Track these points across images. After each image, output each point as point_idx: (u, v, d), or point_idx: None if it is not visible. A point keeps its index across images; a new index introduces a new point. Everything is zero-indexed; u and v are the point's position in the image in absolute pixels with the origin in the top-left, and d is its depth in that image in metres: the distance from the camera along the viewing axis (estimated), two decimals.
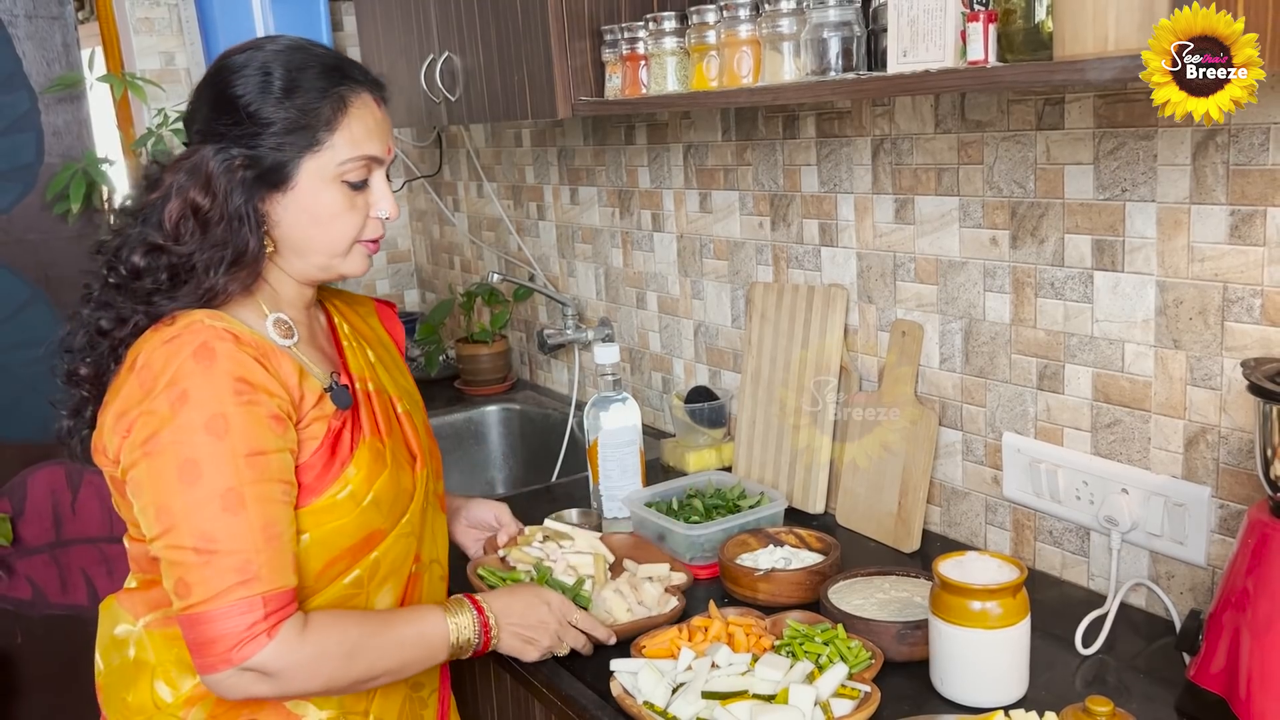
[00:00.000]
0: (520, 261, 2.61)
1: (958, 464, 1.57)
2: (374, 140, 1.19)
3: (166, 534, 1.07)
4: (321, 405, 1.17)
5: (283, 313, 1.21)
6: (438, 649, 1.21)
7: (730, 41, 1.45)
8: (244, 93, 1.15)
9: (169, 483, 1.07)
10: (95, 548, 2.59)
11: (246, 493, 1.07)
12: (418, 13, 2.09)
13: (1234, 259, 1.19)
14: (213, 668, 1.07)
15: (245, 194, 1.14)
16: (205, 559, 1.06)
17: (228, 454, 1.07)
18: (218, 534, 1.06)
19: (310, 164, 1.16)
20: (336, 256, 1.21)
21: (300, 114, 1.14)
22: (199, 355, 1.08)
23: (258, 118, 1.14)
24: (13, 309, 2.45)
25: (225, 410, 1.07)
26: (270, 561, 1.07)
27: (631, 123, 2.13)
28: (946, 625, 1.16)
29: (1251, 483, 1.21)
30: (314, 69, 1.16)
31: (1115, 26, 0.93)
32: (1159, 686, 1.19)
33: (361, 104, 1.18)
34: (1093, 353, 1.35)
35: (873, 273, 1.65)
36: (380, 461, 1.21)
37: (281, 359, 1.15)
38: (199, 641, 1.07)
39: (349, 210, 1.19)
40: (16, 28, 2.37)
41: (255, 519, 1.07)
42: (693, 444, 1.95)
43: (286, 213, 1.17)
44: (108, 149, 2.55)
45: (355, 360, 1.29)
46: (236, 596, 1.06)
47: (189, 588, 1.07)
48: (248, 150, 1.14)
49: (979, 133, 1.44)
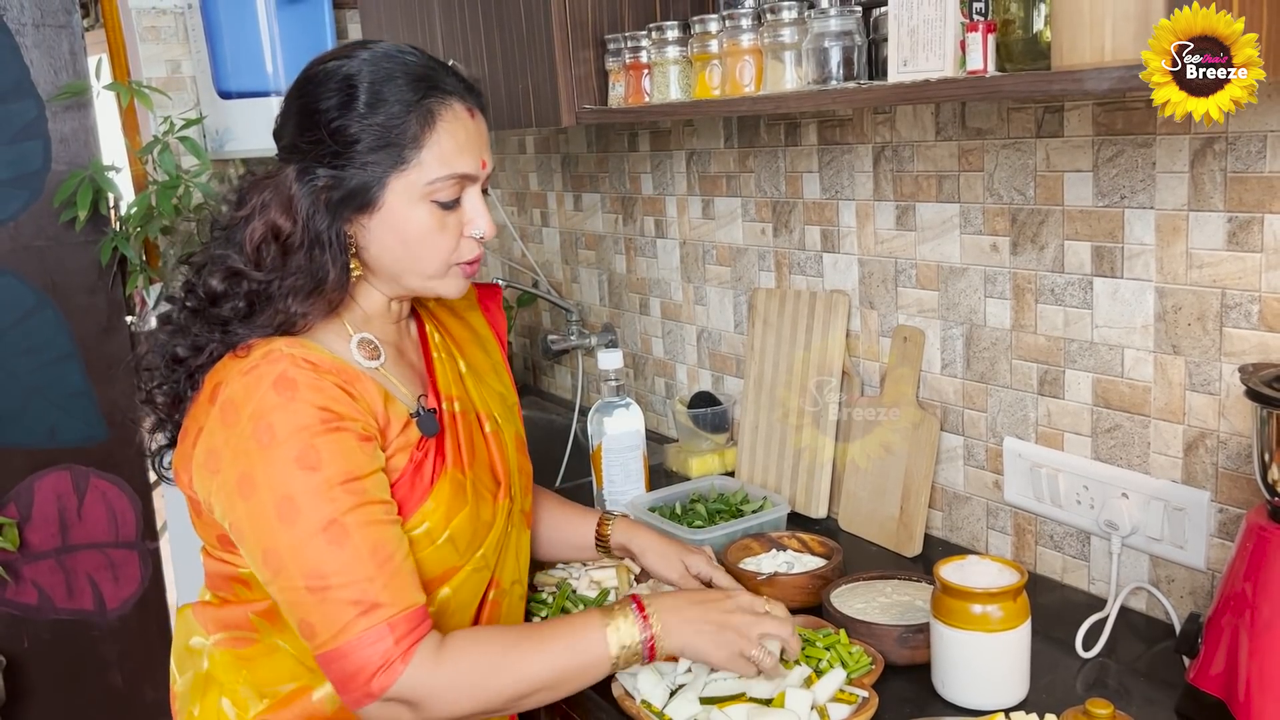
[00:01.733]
0: (524, 268, 2.63)
1: (959, 468, 1.58)
2: (465, 156, 1.11)
3: (278, 577, 1.03)
4: (406, 433, 1.12)
5: (369, 332, 1.16)
6: (596, 657, 1.09)
7: (732, 51, 1.46)
8: (327, 107, 1.08)
9: (269, 524, 1.02)
10: (101, 553, 2.61)
11: (348, 521, 1.02)
12: (422, 22, 2.10)
13: (1232, 265, 1.20)
14: (359, 703, 1.03)
15: (329, 217, 1.09)
16: (320, 596, 1.02)
17: (322, 485, 1.02)
18: (327, 569, 1.01)
19: (397, 183, 1.09)
20: (431, 279, 1.14)
21: (385, 130, 1.07)
22: (279, 387, 1.04)
23: (341, 135, 1.07)
24: (19, 315, 2.47)
25: (314, 441, 1.03)
26: (388, 585, 1.03)
27: (635, 130, 2.14)
28: (947, 629, 1.17)
29: (1250, 487, 1.22)
30: (400, 79, 1.09)
31: (1112, 37, 0.94)
32: (1159, 689, 1.20)
33: (451, 116, 1.11)
34: (1093, 358, 1.36)
35: (874, 279, 1.66)
36: (461, 497, 1.15)
37: (366, 383, 1.10)
38: (339, 679, 1.03)
39: (440, 231, 1.11)
40: (24, 36, 2.39)
41: (362, 546, 1.02)
42: (696, 449, 1.96)
43: (374, 235, 1.11)
44: (114, 156, 2.57)
45: (444, 376, 1.23)
46: (361, 628, 1.01)
47: (312, 628, 1.03)
48: (331, 170, 1.08)
49: (979, 140, 1.45)
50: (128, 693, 2.67)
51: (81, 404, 2.54)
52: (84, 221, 2.40)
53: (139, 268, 2.48)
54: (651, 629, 1.10)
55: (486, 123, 1.17)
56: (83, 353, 2.52)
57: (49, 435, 2.52)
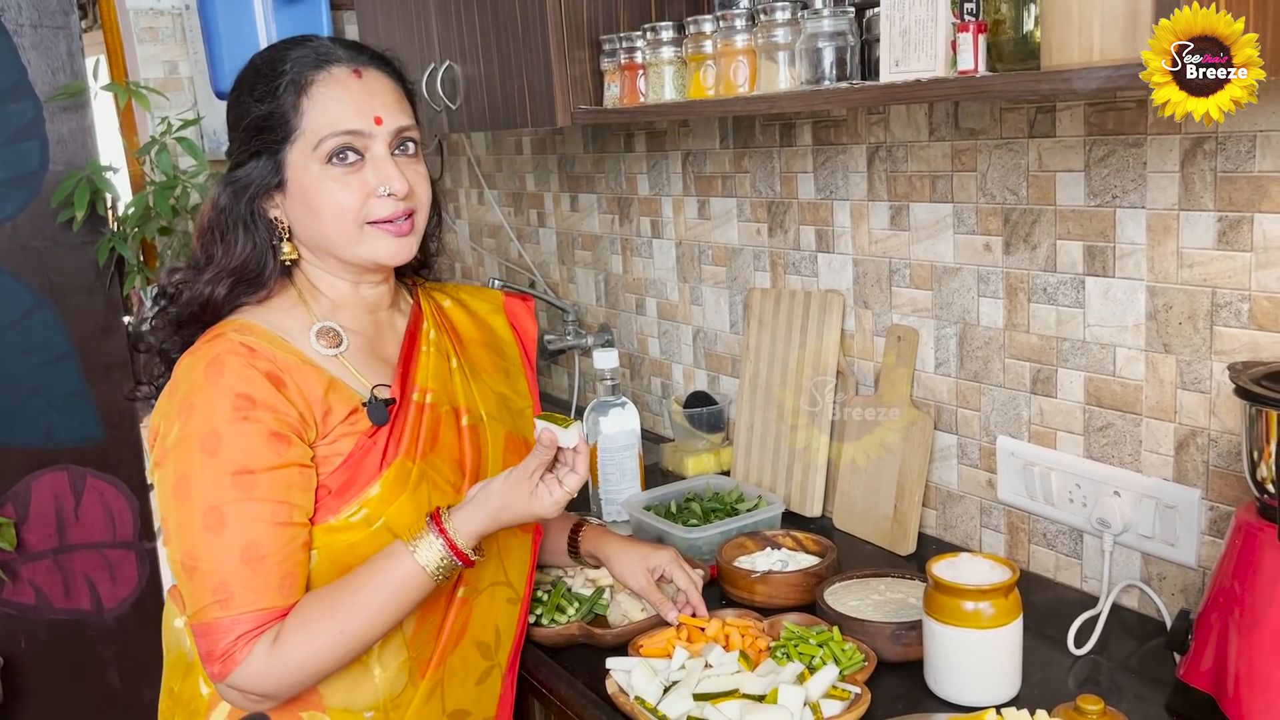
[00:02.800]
0: (521, 268, 2.63)
1: (953, 467, 1.58)
2: (349, 113, 1.14)
3: (166, 544, 1.11)
4: (353, 420, 1.15)
5: (335, 320, 1.20)
6: (413, 580, 1.11)
7: (727, 51, 1.47)
8: (232, 102, 1.19)
9: (168, 496, 1.10)
10: (98, 553, 2.61)
11: (228, 512, 1.07)
12: (419, 23, 2.11)
13: (1222, 264, 1.20)
14: (214, 680, 1.09)
15: (235, 198, 1.16)
16: (189, 574, 1.08)
17: (214, 472, 1.07)
18: (198, 552, 1.07)
19: (292, 154, 1.15)
20: (349, 244, 1.17)
21: (270, 107, 1.14)
22: (209, 369, 1.09)
23: (241, 122, 1.17)
24: (17, 316, 2.47)
25: (218, 427, 1.07)
26: (248, 583, 1.07)
27: (630, 131, 2.15)
28: (940, 625, 1.17)
29: (1240, 485, 1.22)
30: (282, 59, 1.16)
31: (1100, 37, 0.94)
32: (1150, 686, 1.21)
33: (330, 79, 1.15)
34: (1085, 357, 1.37)
35: (869, 278, 1.67)
36: (402, 483, 1.16)
37: (306, 372, 1.13)
38: (200, 654, 1.10)
39: (342, 190, 1.15)
40: (22, 36, 2.39)
41: (234, 540, 1.07)
42: (691, 448, 1.97)
43: (292, 211, 1.18)
44: (111, 157, 2.57)
45: (424, 369, 1.25)
46: (211, 616, 1.07)
47: (182, 601, 1.10)
48: (242, 155, 1.16)
49: (972, 140, 1.46)
50: (125, 693, 2.67)
51: (79, 404, 2.54)
52: (81, 222, 2.40)
53: (136, 268, 2.49)
54: (447, 534, 1.12)
55: (394, 80, 1.21)
56: (80, 353, 2.52)
57: (46, 435, 2.52)
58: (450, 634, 1.22)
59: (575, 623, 1.38)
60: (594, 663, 1.31)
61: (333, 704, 1.16)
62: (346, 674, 1.15)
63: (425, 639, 1.20)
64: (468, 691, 1.25)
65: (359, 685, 1.16)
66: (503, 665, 1.30)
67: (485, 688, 1.27)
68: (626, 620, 1.39)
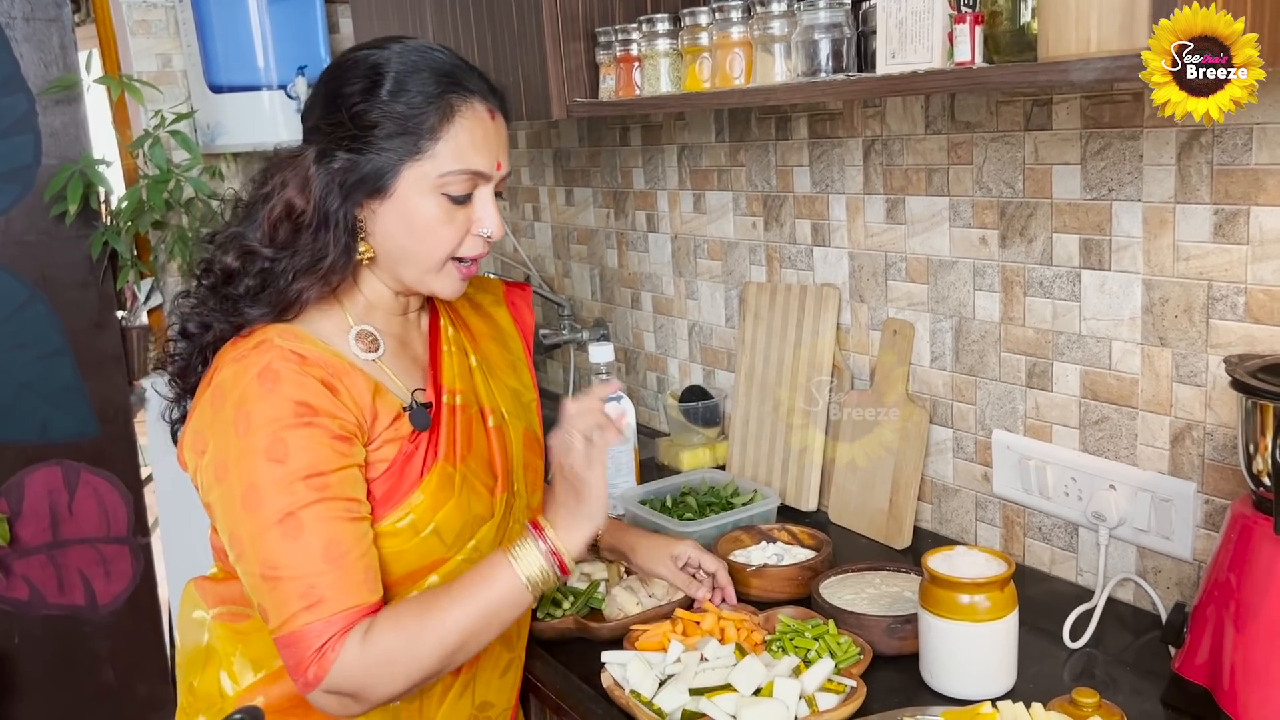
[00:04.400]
0: (516, 263, 2.63)
1: (948, 461, 1.58)
2: (481, 153, 1.14)
3: (240, 560, 1.06)
4: (396, 426, 1.14)
5: (371, 323, 1.18)
6: (511, 591, 1.09)
7: (722, 43, 1.46)
8: (351, 92, 1.11)
9: (235, 509, 1.06)
10: (92, 548, 2.60)
11: (304, 516, 1.04)
12: (413, 15, 2.10)
13: (1218, 257, 1.20)
14: (305, 690, 1.06)
15: (340, 198, 1.11)
16: (271, 585, 1.04)
17: (286, 478, 1.04)
18: (279, 560, 1.04)
19: (411, 172, 1.11)
20: (429, 272, 1.16)
21: (404, 119, 1.10)
22: (263, 378, 1.07)
23: (362, 120, 1.10)
24: (11, 310, 2.46)
25: (284, 435, 1.05)
26: (336, 583, 1.05)
27: (626, 124, 2.15)
28: (935, 619, 1.17)
29: (1235, 478, 1.22)
30: (425, 72, 1.12)
31: (1097, 28, 0.94)
32: (1145, 679, 1.21)
33: (471, 114, 1.13)
34: (1080, 350, 1.37)
35: (864, 272, 1.67)
36: (448, 489, 1.15)
37: (355, 377, 1.12)
38: (288, 666, 1.06)
39: (447, 224, 1.13)
40: (14, 30, 2.38)
41: (315, 542, 1.04)
42: (687, 442, 1.97)
43: (383, 221, 1.13)
44: (105, 150, 2.56)
45: (450, 370, 1.24)
46: (303, 621, 1.03)
47: (265, 613, 1.06)
48: (349, 154, 1.11)
49: (968, 133, 1.46)
50: (119, 688, 2.67)
51: (72, 399, 2.53)
52: (74, 216, 2.40)
53: (130, 262, 2.48)
54: (550, 543, 1.10)
55: (507, 127, 1.20)
56: (74, 348, 2.52)
57: (40, 430, 2.52)
58: None
59: (571, 616, 1.38)
60: (589, 656, 1.30)
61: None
62: None
63: None
64: (493, 683, 1.25)
65: None
66: (520, 656, 1.32)
67: (507, 679, 1.28)
68: (622, 614, 1.39)
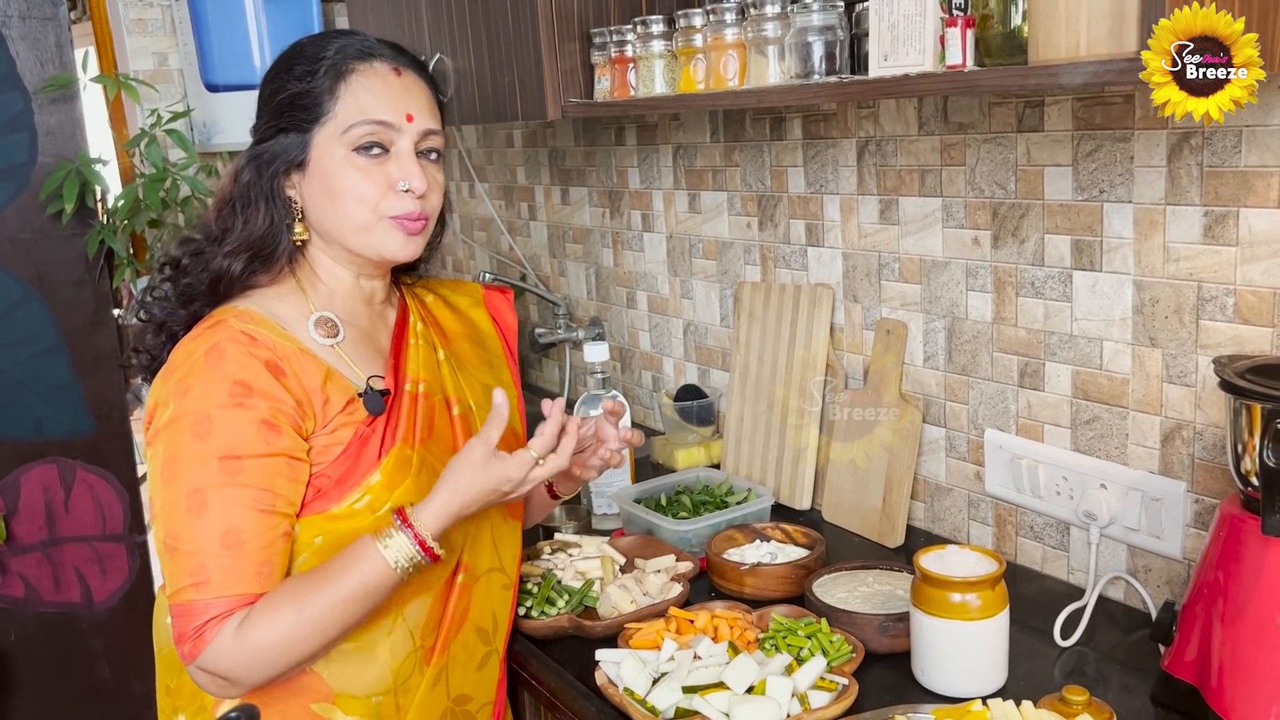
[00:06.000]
0: (512, 261, 2.63)
1: (941, 460, 1.59)
2: (384, 105, 1.17)
3: (153, 524, 1.11)
4: (351, 410, 1.17)
5: (332, 311, 1.21)
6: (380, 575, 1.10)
7: (716, 45, 1.47)
8: (268, 79, 1.21)
9: (155, 476, 1.11)
10: (88, 546, 2.61)
11: (211, 495, 1.08)
12: (409, 15, 2.11)
13: (1208, 258, 1.21)
14: (185, 662, 1.10)
15: (257, 172, 1.18)
16: (170, 554, 1.09)
17: (202, 455, 1.08)
18: (180, 533, 1.08)
19: (319, 136, 1.17)
20: (361, 231, 1.18)
21: (306, 90, 1.16)
22: (209, 355, 1.11)
23: (274, 100, 1.18)
24: (6, 308, 2.46)
25: (211, 411, 1.09)
26: (226, 568, 1.07)
27: (621, 124, 2.15)
28: (927, 617, 1.18)
29: (1225, 477, 1.23)
30: (328, 44, 1.19)
31: (1087, 32, 0.95)
32: (1135, 676, 1.22)
33: (370, 71, 1.18)
34: (1072, 351, 1.38)
35: (858, 272, 1.67)
36: (404, 470, 1.18)
37: (305, 361, 1.15)
38: (174, 634, 1.10)
39: (364, 180, 1.17)
40: (10, 28, 2.38)
41: (215, 524, 1.07)
42: (682, 441, 1.97)
43: (309, 191, 1.19)
44: (101, 149, 2.56)
45: (414, 360, 1.27)
46: (187, 598, 1.07)
47: (165, 580, 1.11)
48: (269, 131, 1.18)
49: (961, 135, 1.46)
50: (115, 685, 2.67)
51: (68, 397, 2.54)
52: (70, 214, 2.39)
53: (126, 260, 2.48)
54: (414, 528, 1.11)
55: (429, 87, 1.24)
56: (69, 346, 2.52)
57: (35, 428, 2.52)
58: (452, 620, 1.24)
59: (565, 615, 1.39)
60: (583, 654, 1.31)
61: (340, 692, 1.16)
62: (353, 662, 1.16)
63: (429, 626, 1.22)
64: (469, 676, 1.26)
65: (365, 673, 1.17)
66: (500, 650, 1.32)
67: (485, 673, 1.29)
68: (616, 612, 1.39)
